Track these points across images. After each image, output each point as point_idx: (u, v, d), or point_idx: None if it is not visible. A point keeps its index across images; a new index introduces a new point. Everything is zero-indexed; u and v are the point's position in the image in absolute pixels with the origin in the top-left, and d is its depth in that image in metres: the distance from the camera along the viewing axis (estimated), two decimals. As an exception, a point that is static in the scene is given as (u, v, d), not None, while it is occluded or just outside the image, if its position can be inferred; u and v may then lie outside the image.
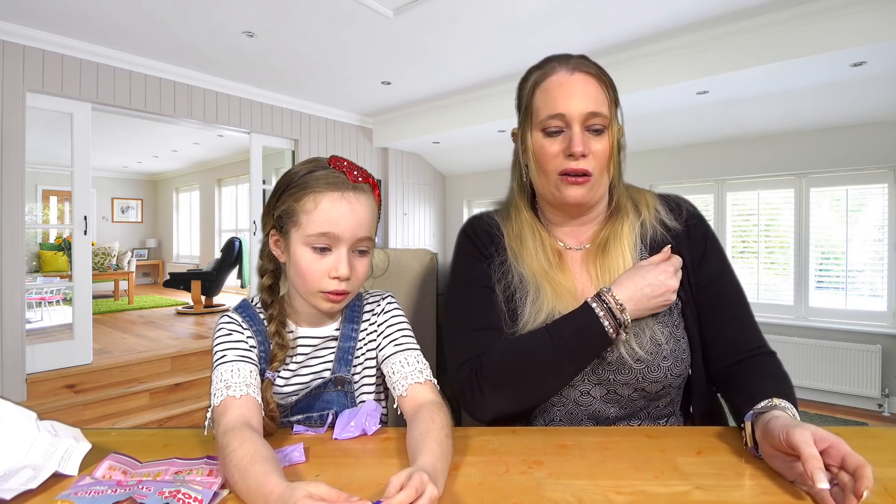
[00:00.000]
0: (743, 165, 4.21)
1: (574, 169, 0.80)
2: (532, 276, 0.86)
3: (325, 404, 0.84)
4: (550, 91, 0.82)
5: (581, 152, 0.79)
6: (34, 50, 3.18)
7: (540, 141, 0.84)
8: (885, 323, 3.62)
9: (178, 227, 9.23)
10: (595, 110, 0.80)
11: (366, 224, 0.78)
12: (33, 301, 4.70)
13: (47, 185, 7.29)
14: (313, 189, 0.75)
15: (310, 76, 4.09)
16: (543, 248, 0.88)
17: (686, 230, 0.87)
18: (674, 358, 0.81)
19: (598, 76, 0.82)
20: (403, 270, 1.27)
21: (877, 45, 2.66)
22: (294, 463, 0.67)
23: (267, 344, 0.81)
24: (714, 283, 0.85)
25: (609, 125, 0.81)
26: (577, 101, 0.80)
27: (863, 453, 0.67)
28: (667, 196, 0.92)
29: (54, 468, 0.62)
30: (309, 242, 0.76)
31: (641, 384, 0.81)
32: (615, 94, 0.85)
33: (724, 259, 0.87)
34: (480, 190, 6.27)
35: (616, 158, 0.84)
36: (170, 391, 3.56)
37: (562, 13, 2.94)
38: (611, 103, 0.82)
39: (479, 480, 0.62)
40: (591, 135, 0.81)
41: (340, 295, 0.77)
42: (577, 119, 0.80)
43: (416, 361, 0.81)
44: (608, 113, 0.81)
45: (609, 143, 0.81)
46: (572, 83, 0.81)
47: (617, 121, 0.84)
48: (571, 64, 0.83)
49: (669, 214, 0.88)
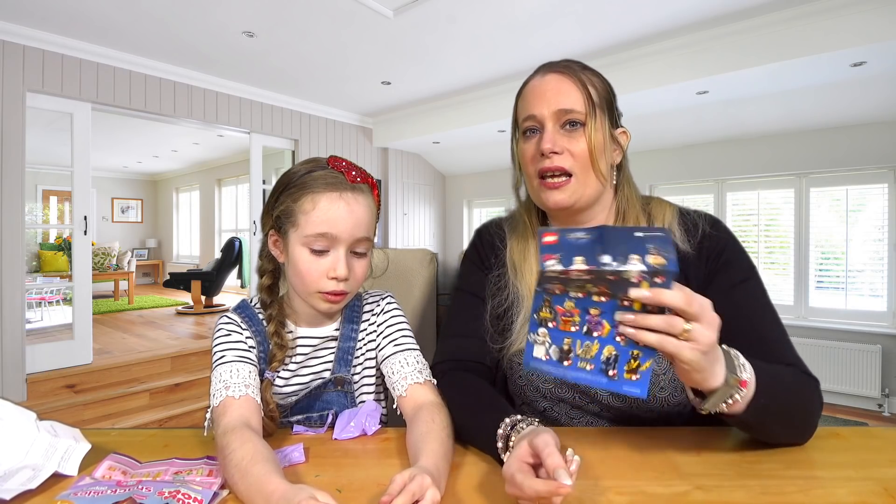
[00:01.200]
0: (743, 165, 4.21)
1: (548, 168, 0.78)
2: (528, 293, 0.85)
3: (325, 404, 0.84)
4: (526, 96, 0.82)
5: (550, 148, 0.77)
6: (34, 50, 3.18)
7: (521, 146, 0.83)
8: (885, 323, 3.62)
9: (178, 227, 9.23)
10: (566, 107, 0.78)
11: (364, 224, 0.77)
12: (33, 301, 4.70)
13: (47, 185, 7.29)
14: (311, 189, 0.75)
15: (310, 76, 4.10)
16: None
17: (697, 252, 0.80)
18: (672, 388, 0.78)
19: (573, 75, 0.79)
20: (403, 270, 1.27)
21: (877, 45, 2.66)
22: (294, 463, 0.67)
23: (266, 344, 0.81)
24: (727, 298, 0.76)
25: (588, 121, 0.78)
26: (547, 100, 0.79)
27: (863, 453, 0.67)
28: (688, 213, 0.84)
29: (54, 468, 0.62)
30: (307, 243, 0.75)
31: (636, 412, 0.80)
32: (602, 93, 0.81)
33: (742, 274, 0.79)
34: (480, 190, 6.27)
35: (601, 158, 0.79)
36: (170, 391, 3.56)
37: (562, 13, 2.94)
38: (587, 99, 0.78)
39: (479, 480, 0.62)
40: (566, 133, 0.79)
41: (339, 296, 0.77)
42: (547, 117, 0.79)
43: (416, 362, 0.81)
44: (582, 109, 0.78)
45: (587, 139, 0.78)
46: (543, 84, 0.80)
47: (604, 119, 0.80)
48: (548, 68, 0.82)
49: (684, 236, 0.81)
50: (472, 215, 6.46)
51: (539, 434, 0.55)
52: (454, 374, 0.82)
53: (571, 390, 0.83)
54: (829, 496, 0.56)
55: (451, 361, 0.84)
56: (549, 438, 0.54)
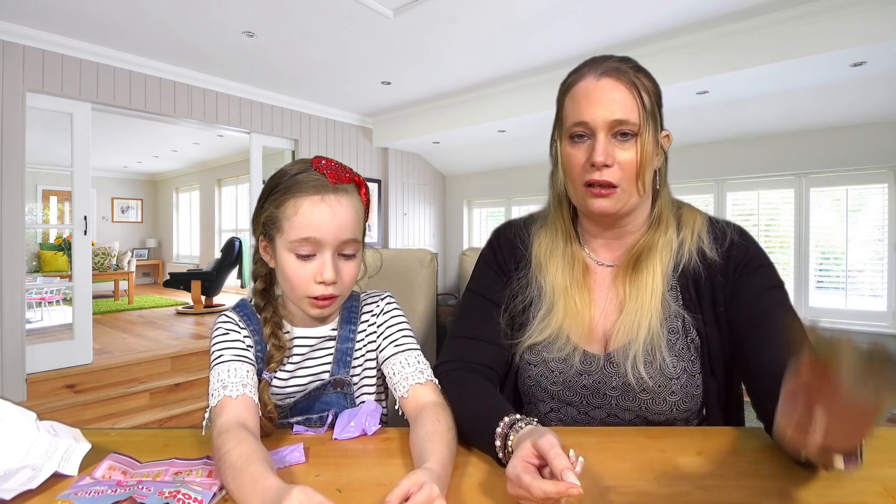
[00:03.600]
0: (743, 165, 4.21)
1: (597, 180, 0.76)
2: (551, 290, 0.85)
3: (325, 405, 0.84)
4: (577, 98, 0.79)
5: (602, 161, 0.75)
6: (34, 50, 3.18)
7: (567, 149, 0.80)
8: (885, 323, 3.62)
9: (178, 227, 9.22)
10: (620, 118, 0.75)
11: (349, 226, 0.76)
12: (33, 301, 4.70)
13: (47, 185, 7.28)
14: (293, 194, 0.74)
15: (310, 76, 4.09)
16: (572, 261, 0.86)
17: (725, 261, 0.80)
18: (683, 393, 0.78)
19: (628, 81, 0.77)
20: (403, 270, 1.27)
21: (877, 45, 2.66)
22: (294, 463, 0.66)
23: (264, 344, 0.81)
24: (755, 303, 0.76)
25: (639, 132, 0.76)
26: (601, 108, 0.76)
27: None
28: (717, 222, 0.84)
29: (54, 468, 0.62)
30: (292, 248, 0.75)
31: (644, 413, 0.80)
32: (653, 99, 0.79)
33: (772, 281, 0.78)
34: (480, 190, 6.27)
35: (649, 168, 0.78)
36: (170, 391, 3.56)
37: (562, 13, 2.94)
38: (642, 109, 0.76)
39: (480, 480, 0.62)
40: (618, 143, 0.76)
41: (328, 300, 0.77)
42: (600, 127, 0.76)
43: (417, 362, 0.81)
44: (637, 120, 0.75)
45: (638, 151, 0.76)
46: (598, 89, 0.77)
47: (654, 127, 0.78)
48: (601, 68, 0.78)
49: (713, 244, 0.81)
50: (472, 215, 6.46)
51: (543, 435, 0.55)
52: (457, 375, 0.81)
53: (578, 394, 0.83)
54: (829, 496, 0.56)
55: (457, 362, 0.84)
56: (554, 440, 0.54)
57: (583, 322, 0.83)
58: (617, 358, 0.79)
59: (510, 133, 4.86)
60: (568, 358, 0.82)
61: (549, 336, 0.83)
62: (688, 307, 0.80)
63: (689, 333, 0.80)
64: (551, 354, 0.83)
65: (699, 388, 0.79)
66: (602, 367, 0.81)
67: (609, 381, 0.80)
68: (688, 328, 0.80)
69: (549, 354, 0.83)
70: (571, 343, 0.82)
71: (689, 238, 0.82)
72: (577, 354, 0.82)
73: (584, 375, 0.82)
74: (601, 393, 0.81)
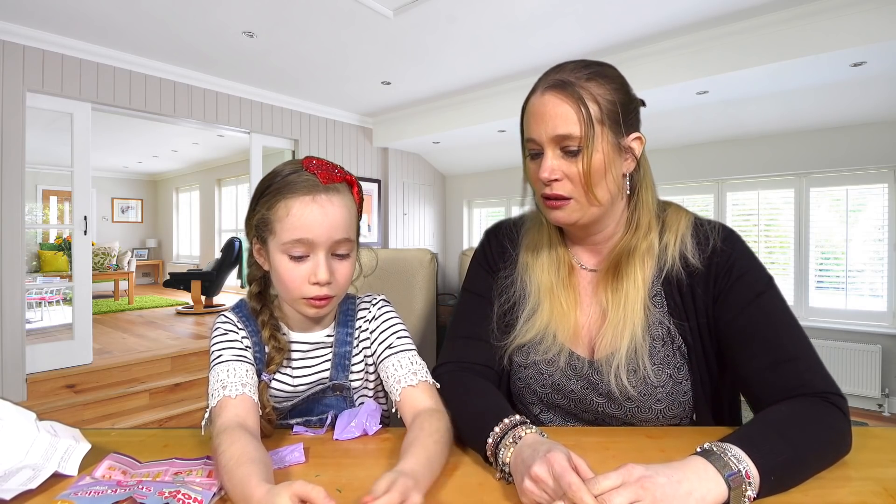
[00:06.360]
0: (743, 165, 4.20)
1: (549, 195, 0.77)
2: (536, 290, 0.85)
3: (325, 408, 0.84)
4: (527, 115, 0.80)
5: (548, 178, 0.75)
6: (34, 50, 3.18)
7: (528, 164, 0.82)
8: (885, 323, 3.62)
9: (178, 227, 9.22)
10: (563, 133, 0.74)
11: (342, 226, 0.75)
12: (33, 301, 4.70)
13: (47, 185, 7.28)
14: (284, 195, 0.74)
15: (310, 76, 4.09)
16: (557, 263, 0.86)
17: (707, 268, 0.78)
18: (669, 401, 0.78)
19: (571, 93, 0.74)
20: (403, 270, 1.27)
21: (877, 45, 2.66)
22: (294, 463, 0.66)
23: (262, 345, 0.81)
24: (739, 317, 0.74)
25: (585, 144, 0.73)
26: (544, 124, 0.75)
27: (863, 453, 0.67)
28: (702, 225, 0.81)
29: (54, 468, 0.62)
30: (285, 250, 0.74)
31: (631, 420, 0.80)
32: (608, 104, 0.75)
33: (756, 289, 0.75)
34: (480, 190, 6.27)
35: (600, 178, 0.76)
36: (170, 391, 3.56)
37: (562, 13, 2.94)
38: (587, 122, 0.73)
39: (479, 481, 0.62)
40: (565, 157, 0.75)
41: (323, 300, 0.76)
42: (546, 143, 0.76)
43: (410, 363, 0.80)
44: (580, 132, 0.73)
45: (585, 163, 0.74)
46: (542, 105, 0.76)
47: (610, 135, 0.75)
48: (547, 82, 0.77)
49: (695, 249, 0.79)
50: (472, 215, 6.46)
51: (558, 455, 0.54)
52: (457, 375, 0.81)
53: (567, 397, 0.83)
54: (828, 496, 0.56)
55: (456, 363, 0.84)
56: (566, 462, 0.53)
57: (568, 322, 0.83)
58: (601, 367, 0.79)
59: (510, 133, 4.86)
60: (554, 359, 0.82)
61: (535, 336, 0.83)
62: (673, 314, 0.79)
63: (676, 340, 0.79)
64: (538, 356, 0.83)
65: (687, 394, 0.79)
66: (588, 373, 0.81)
67: (595, 388, 0.80)
68: (673, 335, 0.79)
69: (536, 356, 0.83)
70: (558, 343, 0.82)
71: (672, 242, 0.80)
72: (563, 356, 0.82)
73: (572, 379, 0.82)
74: (588, 399, 0.81)
